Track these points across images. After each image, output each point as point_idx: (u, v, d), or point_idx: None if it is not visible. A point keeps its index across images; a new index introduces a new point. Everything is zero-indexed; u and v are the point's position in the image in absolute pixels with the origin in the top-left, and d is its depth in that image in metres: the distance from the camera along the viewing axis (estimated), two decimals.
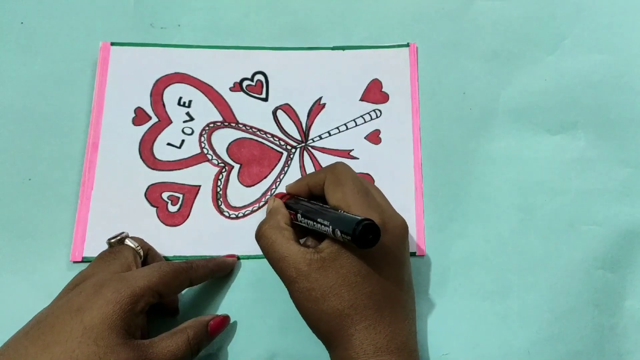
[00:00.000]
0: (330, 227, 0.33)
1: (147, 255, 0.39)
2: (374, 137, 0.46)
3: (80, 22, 0.48)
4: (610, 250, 0.43)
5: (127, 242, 0.39)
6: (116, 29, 0.48)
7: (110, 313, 0.32)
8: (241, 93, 0.46)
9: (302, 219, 0.37)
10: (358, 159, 0.46)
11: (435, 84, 0.48)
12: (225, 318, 0.39)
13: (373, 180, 0.45)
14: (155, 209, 0.43)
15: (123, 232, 0.39)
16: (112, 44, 0.46)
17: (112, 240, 0.39)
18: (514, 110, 0.47)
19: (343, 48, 0.48)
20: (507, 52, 0.49)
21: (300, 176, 0.45)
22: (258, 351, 0.40)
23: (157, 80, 0.46)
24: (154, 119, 0.45)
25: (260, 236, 0.37)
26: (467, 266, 0.43)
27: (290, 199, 0.40)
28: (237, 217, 0.43)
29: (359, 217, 0.32)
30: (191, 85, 0.46)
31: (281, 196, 0.41)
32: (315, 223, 0.35)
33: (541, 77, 0.48)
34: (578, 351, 0.41)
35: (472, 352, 0.41)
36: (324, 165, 0.45)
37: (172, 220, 0.43)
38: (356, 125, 0.46)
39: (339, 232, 0.33)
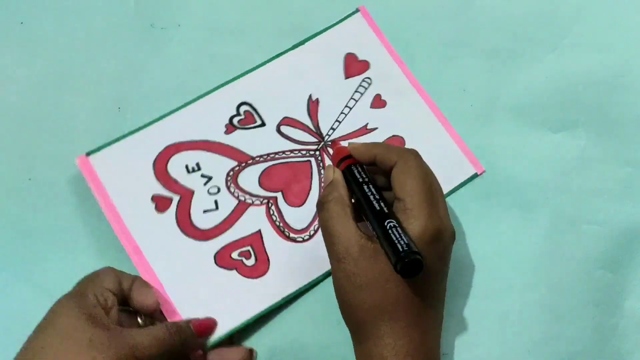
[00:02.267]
0: (379, 241, 0.34)
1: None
2: (378, 102, 0.47)
3: (80, 22, 0.48)
4: (610, 250, 0.43)
5: None
6: (116, 29, 0.48)
7: (65, 323, 0.33)
8: (237, 131, 0.45)
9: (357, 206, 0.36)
10: (377, 128, 0.46)
11: (435, 81, 0.48)
12: (210, 320, 0.39)
13: (404, 142, 0.45)
14: (234, 270, 0.42)
15: None
16: (87, 154, 0.43)
17: None
18: (514, 108, 0.47)
19: (303, 42, 0.48)
20: (508, 49, 0.49)
21: None
22: (258, 351, 0.40)
23: (154, 163, 0.44)
24: (176, 198, 0.43)
25: (322, 206, 0.37)
26: (467, 265, 0.43)
27: (350, 167, 0.39)
28: (310, 237, 0.43)
29: (406, 248, 0.32)
30: (188, 150, 0.44)
31: (340, 158, 0.40)
32: (367, 222, 0.35)
33: (542, 75, 0.48)
34: (578, 351, 0.41)
35: (472, 352, 0.41)
36: None
37: (256, 272, 0.42)
38: (356, 101, 0.47)
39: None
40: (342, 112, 0.46)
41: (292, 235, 0.43)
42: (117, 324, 0.35)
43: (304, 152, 0.45)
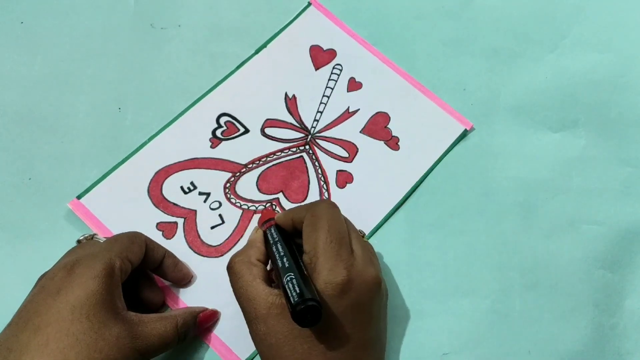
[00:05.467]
0: (283, 291, 0.33)
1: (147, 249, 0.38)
2: (354, 85, 0.48)
3: (80, 22, 0.48)
4: (610, 250, 0.43)
5: (96, 237, 0.39)
6: (116, 29, 0.48)
7: (93, 289, 0.32)
8: (223, 143, 0.45)
9: (270, 262, 0.36)
10: (359, 109, 0.47)
11: (436, 80, 0.48)
12: (215, 312, 0.40)
13: (388, 118, 0.46)
14: None
15: (95, 233, 0.39)
16: (79, 197, 0.42)
17: (81, 238, 0.39)
18: (514, 107, 0.47)
19: (265, 45, 0.48)
20: (508, 49, 0.49)
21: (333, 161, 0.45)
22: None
23: (149, 191, 0.43)
24: (180, 221, 0.43)
25: (229, 268, 0.36)
26: (467, 264, 0.43)
27: (275, 229, 0.38)
28: None
29: (297, 299, 0.30)
30: (178, 171, 0.44)
31: (266, 219, 0.40)
32: (277, 276, 0.34)
33: (542, 75, 0.48)
34: (578, 351, 0.41)
35: (472, 352, 0.41)
36: (346, 139, 0.46)
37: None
38: (332, 89, 0.47)
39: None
40: (321, 102, 0.47)
41: None
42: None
43: (294, 149, 0.46)
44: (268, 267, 0.37)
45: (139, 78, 0.47)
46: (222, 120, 0.46)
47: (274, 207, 0.44)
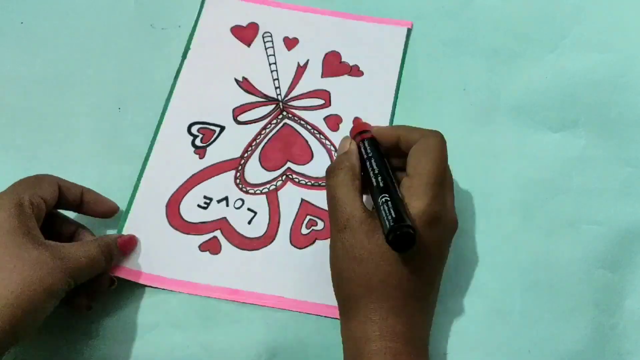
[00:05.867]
0: (378, 213, 0.33)
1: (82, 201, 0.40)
2: (291, 43, 0.49)
3: (80, 22, 0.48)
4: (610, 250, 0.43)
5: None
6: (116, 29, 0.48)
7: (3, 219, 0.33)
8: (208, 149, 0.45)
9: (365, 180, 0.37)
10: (308, 59, 0.48)
11: (435, 80, 0.48)
12: (132, 237, 0.41)
13: (339, 56, 0.48)
14: (315, 241, 0.42)
15: None
16: None
17: None
18: (514, 107, 0.47)
19: (188, 46, 0.48)
20: (508, 49, 0.49)
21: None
22: (258, 351, 0.40)
23: (171, 225, 0.43)
24: (217, 233, 0.43)
25: (332, 173, 0.37)
26: (467, 264, 0.43)
27: (369, 143, 0.38)
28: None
29: (393, 223, 0.31)
30: (185, 194, 0.44)
31: (358, 131, 0.40)
32: (371, 193, 0.35)
33: (542, 75, 0.48)
34: (578, 351, 0.40)
35: (472, 352, 0.41)
36: (314, 89, 0.47)
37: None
38: (274, 55, 0.48)
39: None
40: (272, 71, 0.48)
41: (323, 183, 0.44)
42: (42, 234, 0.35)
43: (274, 121, 0.46)
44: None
45: (139, 78, 0.47)
46: (194, 129, 0.46)
47: (291, 176, 0.44)
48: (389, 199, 0.33)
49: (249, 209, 0.43)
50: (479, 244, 0.43)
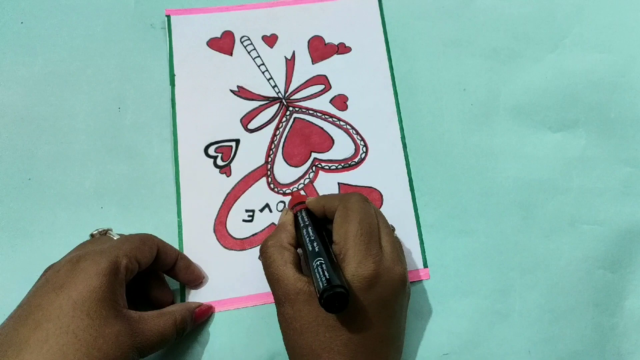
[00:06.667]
0: (312, 278, 0.33)
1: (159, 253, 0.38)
2: (271, 40, 0.49)
3: (80, 22, 0.48)
4: (610, 250, 0.43)
5: (110, 233, 0.38)
6: (116, 29, 0.48)
7: (96, 285, 0.32)
8: (232, 165, 0.45)
9: (300, 249, 0.37)
10: (294, 50, 0.48)
11: (435, 80, 0.48)
12: (211, 307, 0.40)
13: (323, 41, 0.48)
14: None
15: (109, 228, 0.39)
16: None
17: (95, 232, 0.39)
18: (514, 107, 0.47)
19: (172, 73, 0.47)
20: (508, 49, 0.49)
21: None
22: (258, 351, 0.40)
23: (224, 247, 0.43)
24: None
25: (262, 252, 0.37)
26: (467, 264, 0.43)
27: (305, 213, 0.39)
28: (367, 150, 0.46)
29: (326, 284, 0.31)
30: (226, 215, 0.44)
31: (295, 203, 0.41)
32: (308, 263, 0.34)
33: (542, 75, 0.48)
34: (578, 351, 0.41)
35: (472, 352, 0.41)
36: (310, 77, 0.47)
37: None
38: (259, 56, 0.48)
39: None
40: (263, 72, 0.48)
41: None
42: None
43: (283, 119, 0.46)
44: (299, 251, 0.37)
45: (139, 78, 0.47)
46: (211, 150, 0.45)
47: (319, 165, 0.45)
48: (322, 262, 0.33)
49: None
50: (478, 244, 0.43)
